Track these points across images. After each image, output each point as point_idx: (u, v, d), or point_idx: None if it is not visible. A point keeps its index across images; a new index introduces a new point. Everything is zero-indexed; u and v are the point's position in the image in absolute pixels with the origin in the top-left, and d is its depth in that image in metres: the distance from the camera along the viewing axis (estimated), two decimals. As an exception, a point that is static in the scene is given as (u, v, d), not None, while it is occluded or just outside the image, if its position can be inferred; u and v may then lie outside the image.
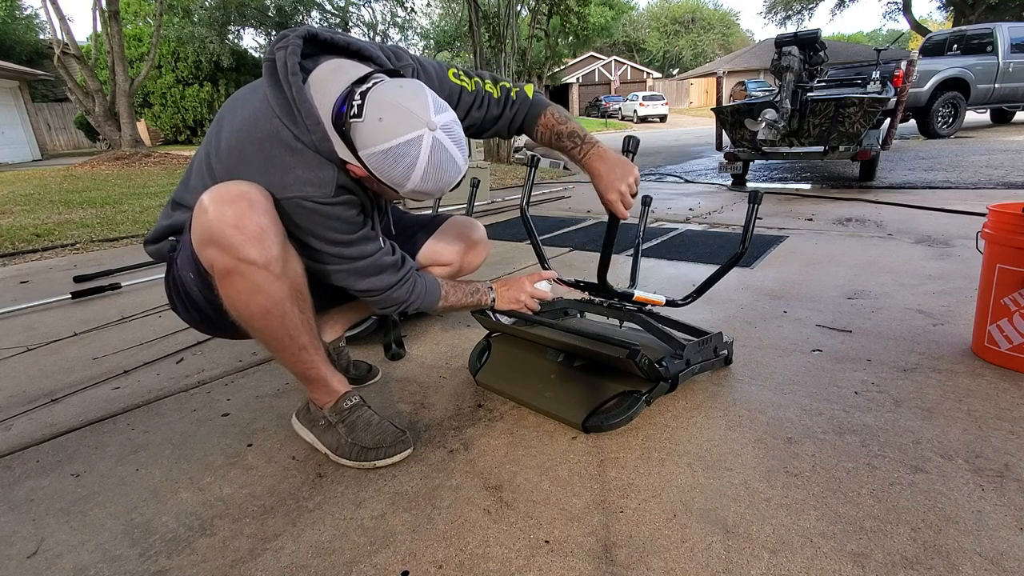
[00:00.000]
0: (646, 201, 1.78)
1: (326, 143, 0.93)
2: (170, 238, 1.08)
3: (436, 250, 1.39)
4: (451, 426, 1.26)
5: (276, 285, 0.95)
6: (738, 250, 1.32)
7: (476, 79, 1.16)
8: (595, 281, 1.49)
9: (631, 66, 36.14)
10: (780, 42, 4.44)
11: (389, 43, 1.16)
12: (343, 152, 0.94)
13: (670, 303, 1.46)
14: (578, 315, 1.70)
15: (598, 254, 2.96)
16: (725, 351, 1.44)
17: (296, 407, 1.26)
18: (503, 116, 1.21)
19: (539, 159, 1.58)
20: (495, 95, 1.18)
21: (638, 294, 1.43)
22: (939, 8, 21.97)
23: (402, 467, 1.11)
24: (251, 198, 0.91)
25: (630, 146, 1.20)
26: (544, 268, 1.59)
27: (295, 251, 0.99)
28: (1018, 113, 11.01)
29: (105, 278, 2.64)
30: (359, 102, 0.89)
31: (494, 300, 1.30)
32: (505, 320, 1.45)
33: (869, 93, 4.44)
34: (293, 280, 0.99)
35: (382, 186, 0.97)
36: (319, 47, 0.99)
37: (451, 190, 1.01)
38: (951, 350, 1.51)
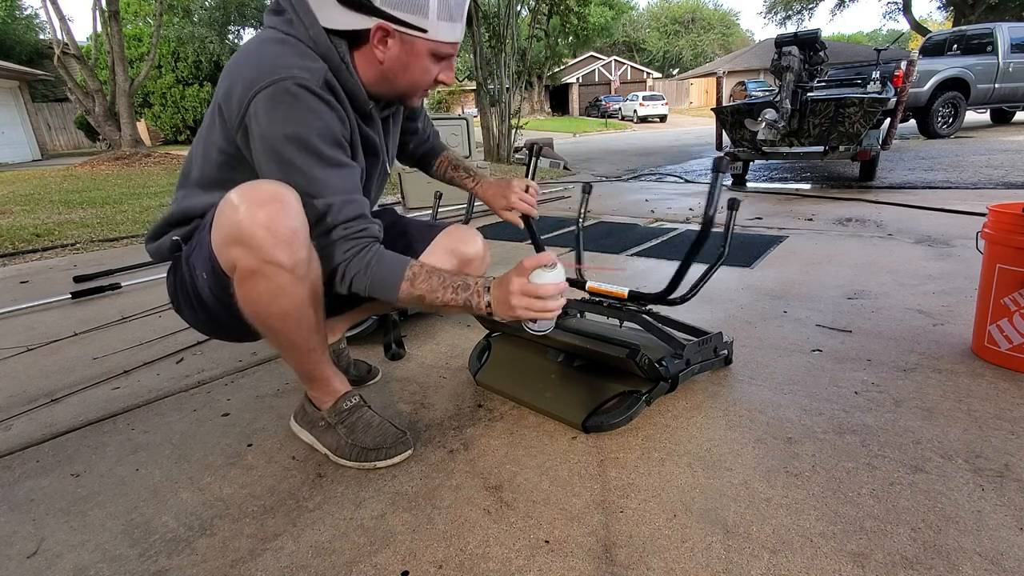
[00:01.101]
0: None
1: (322, 36, 0.95)
2: (173, 237, 1.07)
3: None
4: (451, 426, 1.26)
5: (298, 288, 0.95)
6: (720, 251, 1.35)
7: None
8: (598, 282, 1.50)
9: (631, 66, 36.16)
10: (780, 42, 4.44)
11: None
12: (361, 20, 0.94)
13: (637, 295, 1.44)
14: (578, 315, 1.70)
15: (598, 254, 2.96)
16: (725, 351, 1.44)
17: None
18: (421, 133, 1.41)
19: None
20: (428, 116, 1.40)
21: (592, 284, 1.47)
22: (939, 8, 21.99)
23: (402, 467, 1.11)
24: (283, 200, 0.90)
25: (534, 150, 1.50)
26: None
27: (315, 252, 0.99)
28: (1018, 113, 11.01)
29: (105, 278, 2.64)
30: None
31: (489, 305, 0.98)
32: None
33: (869, 93, 4.44)
34: (313, 282, 0.99)
35: (408, 37, 0.96)
36: None
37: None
38: (951, 350, 1.51)
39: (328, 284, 1.05)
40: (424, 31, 0.96)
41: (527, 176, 1.53)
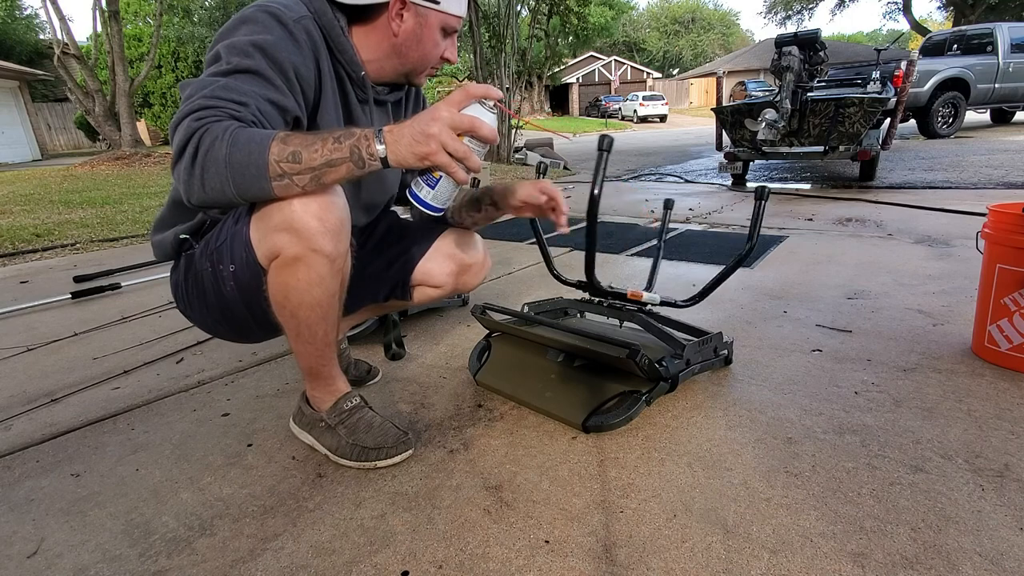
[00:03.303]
0: (668, 204, 1.79)
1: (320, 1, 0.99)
2: (181, 236, 1.07)
3: (427, 269, 1.28)
4: (451, 426, 1.26)
5: (334, 280, 0.98)
6: (744, 249, 1.30)
7: None
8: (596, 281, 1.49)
9: (631, 66, 36.17)
10: (780, 42, 4.44)
11: None
12: None
13: (666, 302, 1.45)
14: (578, 315, 1.70)
15: (598, 254, 2.95)
16: (725, 351, 1.44)
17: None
18: None
19: (547, 166, 1.56)
20: None
21: (632, 291, 1.42)
22: (939, 8, 22.00)
23: (402, 467, 1.11)
24: (333, 193, 0.93)
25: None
26: (551, 271, 1.57)
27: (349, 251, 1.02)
28: (1018, 113, 11.02)
29: (105, 278, 2.64)
30: None
31: (385, 150, 0.84)
32: (505, 319, 1.44)
33: (869, 93, 4.44)
34: (344, 277, 1.02)
35: (423, 10, 1.01)
36: None
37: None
38: (951, 350, 1.51)
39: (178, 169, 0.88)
40: (437, 3, 1.02)
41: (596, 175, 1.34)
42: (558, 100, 34.69)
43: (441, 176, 0.91)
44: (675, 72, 42.80)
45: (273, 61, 0.90)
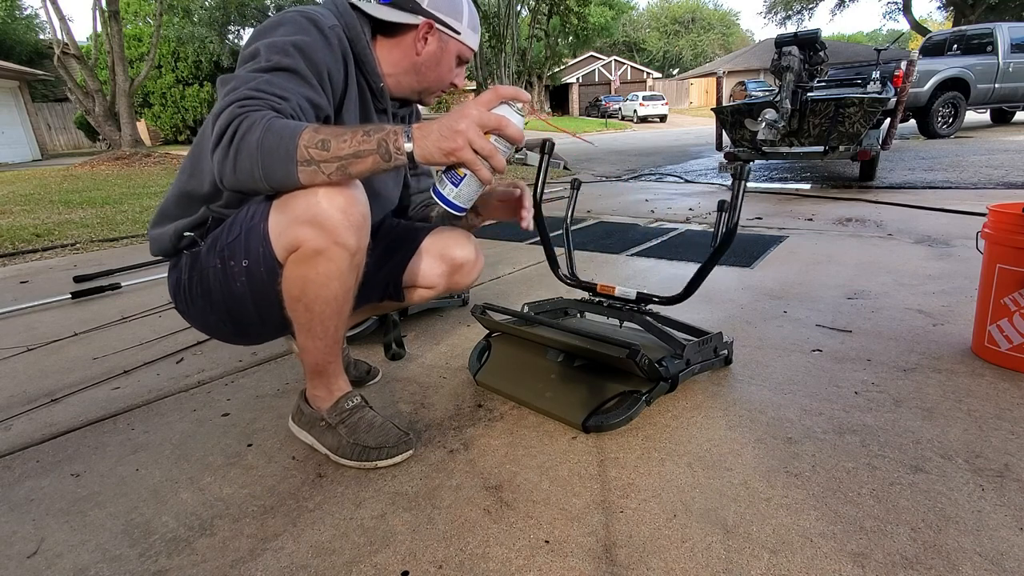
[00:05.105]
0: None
1: (347, 8, 1.05)
2: (185, 233, 1.07)
3: (418, 270, 1.26)
4: (451, 426, 1.26)
5: (352, 275, 1.00)
6: (724, 229, 1.18)
7: None
8: (596, 282, 1.49)
9: (631, 66, 36.18)
10: (780, 42, 4.44)
11: None
12: (408, 17, 1.05)
13: (643, 298, 1.44)
14: (578, 315, 1.70)
15: (598, 254, 2.95)
16: (725, 351, 1.44)
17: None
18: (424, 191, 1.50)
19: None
20: None
21: (602, 284, 1.42)
22: (939, 8, 22.02)
23: (402, 467, 1.11)
24: (355, 188, 0.95)
25: (546, 147, 1.45)
26: (555, 271, 1.56)
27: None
28: (1018, 113, 11.03)
29: (105, 278, 2.64)
30: None
31: (412, 145, 0.86)
32: (505, 319, 1.44)
33: (869, 93, 4.44)
34: (358, 275, 1.03)
35: (445, 37, 1.09)
36: None
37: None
38: (951, 350, 1.51)
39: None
40: (458, 33, 1.11)
41: (537, 179, 1.44)
42: (558, 100, 34.68)
43: (466, 175, 0.93)
44: (675, 72, 42.84)
45: (310, 61, 0.96)
